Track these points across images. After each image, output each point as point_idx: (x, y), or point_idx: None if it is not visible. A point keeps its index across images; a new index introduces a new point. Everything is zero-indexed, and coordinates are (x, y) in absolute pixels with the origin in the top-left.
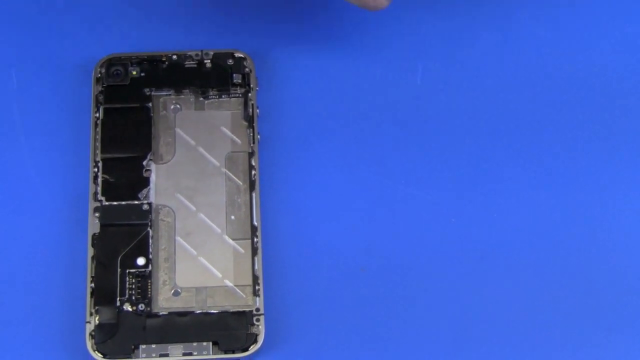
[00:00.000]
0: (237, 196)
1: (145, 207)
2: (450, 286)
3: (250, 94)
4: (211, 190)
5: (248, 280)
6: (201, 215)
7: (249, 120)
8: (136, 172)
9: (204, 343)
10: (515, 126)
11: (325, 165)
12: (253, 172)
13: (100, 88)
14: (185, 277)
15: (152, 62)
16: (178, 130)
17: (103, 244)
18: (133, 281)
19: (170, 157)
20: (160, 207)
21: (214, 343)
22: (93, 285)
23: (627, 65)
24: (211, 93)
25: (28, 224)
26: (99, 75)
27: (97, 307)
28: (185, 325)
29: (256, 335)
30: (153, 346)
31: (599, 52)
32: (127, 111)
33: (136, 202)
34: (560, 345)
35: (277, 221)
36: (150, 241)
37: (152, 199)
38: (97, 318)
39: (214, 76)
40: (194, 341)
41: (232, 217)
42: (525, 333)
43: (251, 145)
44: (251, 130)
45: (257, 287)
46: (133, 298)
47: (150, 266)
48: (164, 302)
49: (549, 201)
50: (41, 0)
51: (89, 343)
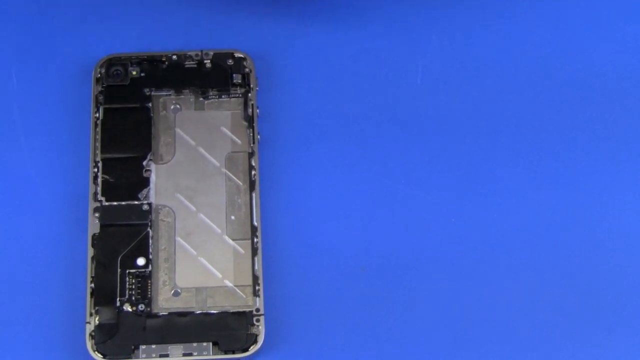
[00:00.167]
0: (237, 196)
1: (145, 208)
2: (450, 286)
3: (250, 94)
4: (211, 190)
5: (248, 280)
6: (201, 215)
7: (249, 120)
8: (136, 173)
9: (204, 343)
10: (515, 126)
11: (325, 165)
12: (253, 172)
13: (100, 88)
14: (185, 278)
15: (152, 62)
16: (178, 130)
17: (103, 244)
18: (133, 281)
19: (170, 157)
20: (160, 207)
21: (214, 343)
22: (93, 285)
23: (627, 65)
24: (211, 93)
25: (28, 224)
26: (99, 75)
27: (97, 308)
28: (185, 325)
29: (256, 335)
30: (153, 346)
31: (599, 52)
32: (127, 111)
33: (136, 203)
34: (560, 345)
35: (277, 221)
36: (150, 241)
37: (152, 199)
38: (97, 318)
39: (214, 76)
40: (194, 341)
41: (232, 218)
42: (525, 333)
43: (251, 145)
44: (251, 130)
45: (257, 288)
46: (133, 298)
47: (150, 266)
48: (164, 303)
49: (549, 201)
50: (41, 0)
51: (89, 343)
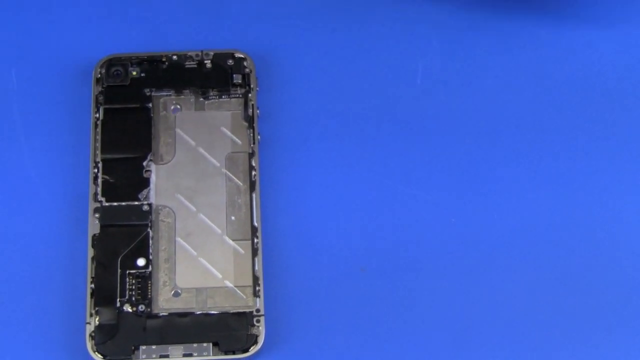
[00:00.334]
0: (238, 197)
1: (145, 208)
2: (450, 286)
3: (250, 95)
4: (211, 190)
5: (248, 281)
6: (201, 215)
7: (249, 120)
8: (136, 173)
9: (204, 344)
10: (515, 126)
11: (325, 165)
12: (253, 173)
13: (100, 88)
14: (185, 278)
15: (152, 63)
16: (178, 130)
17: (103, 245)
18: (133, 282)
19: (170, 158)
20: (160, 208)
21: (214, 344)
22: (93, 286)
23: (627, 65)
24: (211, 93)
25: (28, 225)
26: (99, 75)
27: (97, 308)
28: (185, 326)
29: (256, 336)
30: (153, 347)
31: (599, 52)
32: (127, 111)
33: (136, 203)
34: (560, 345)
35: (278, 222)
36: (150, 242)
37: (152, 200)
38: (97, 319)
39: (214, 76)
40: (194, 342)
41: (233, 218)
42: (525, 333)
43: (251, 145)
44: (251, 130)
45: (258, 288)
46: (133, 299)
47: (150, 267)
48: (164, 303)
49: (549, 201)
50: (41, 1)
51: (89, 344)
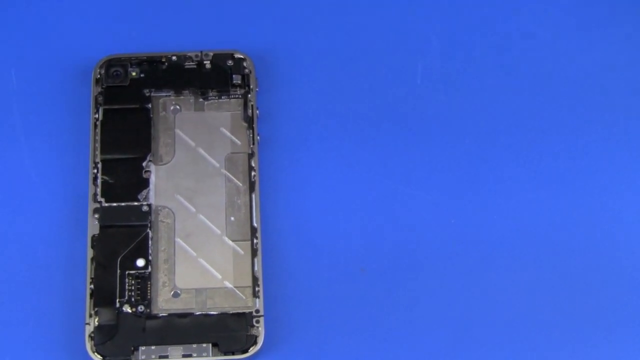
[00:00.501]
0: (237, 197)
1: (144, 209)
2: (450, 286)
3: (250, 95)
4: (211, 191)
5: (248, 281)
6: (201, 216)
7: (249, 121)
8: (136, 173)
9: (204, 344)
10: (515, 126)
11: (325, 166)
12: (253, 173)
13: (99, 89)
14: (184, 279)
15: (152, 63)
16: (178, 131)
17: (102, 245)
18: (133, 282)
19: (169, 158)
20: (159, 209)
21: (214, 344)
22: (92, 286)
23: (627, 65)
24: (211, 94)
25: (27, 225)
26: (99, 76)
27: (97, 309)
28: (184, 326)
29: (256, 336)
30: (152, 347)
31: (599, 52)
32: (127, 112)
33: (136, 204)
34: (560, 345)
35: (277, 222)
36: (149, 242)
37: (152, 200)
38: (97, 319)
39: (214, 77)
40: (194, 343)
41: (232, 219)
42: (525, 333)
43: (251, 146)
44: (251, 131)
45: (257, 289)
46: (132, 299)
47: (149, 267)
48: (164, 304)
49: (549, 201)
50: (41, 1)
51: (89, 344)
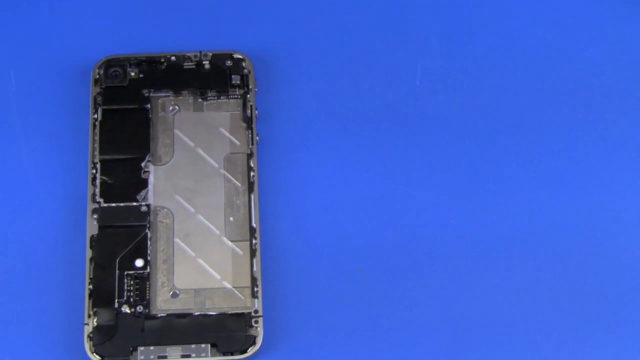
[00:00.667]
0: (236, 198)
1: (143, 209)
2: (449, 286)
3: (249, 95)
4: (210, 191)
5: (247, 282)
6: (200, 216)
7: (248, 121)
8: (135, 174)
9: (203, 345)
10: (514, 126)
11: (324, 166)
12: (252, 174)
13: (98, 89)
14: (183, 279)
15: (151, 63)
16: (177, 131)
17: (101, 246)
18: (131, 283)
19: (168, 159)
20: (158, 209)
21: (213, 345)
22: (91, 287)
23: (627, 65)
24: (210, 94)
25: (26, 225)
26: (98, 76)
27: (95, 309)
28: (183, 327)
29: (255, 337)
30: (151, 348)
31: (599, 52)
32: (126, 112)
33: (134, 204)
34: (560, 345)
35: (276, 223)
36: (148, 243)
37: (151, 201)
38: (95, 320)
39: (213, 77)
40: (193, 343)
41: (231, 219)
42: (524, 333)
43: (250, 146)
44: (250, 131)
45: (256, 289)
46: (131, 300)
47: (148, 268)
48: (163, 304)
49: (549, 201)
50: (40, 1)
51: (87, 345)
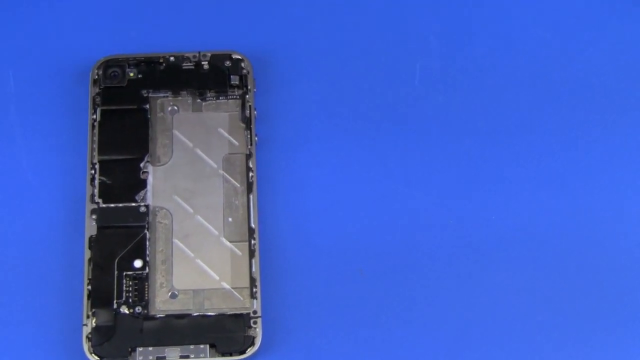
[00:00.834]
0: (235, 198)
1: (142, 209)
2: (449, 287)
3: (247, 96)
4: (208, 192)
5: (245, 282)
6: (198, 217)
7: (247, 121)
8: (133, 174)
9: (201, 346)
10: (514, 126)
11: (323, 166)
12: (250, 174)
13: (97, 90)
14: (182, 280)
15: (150, 64)
16: (175, 132)
17: (100, 246)
18: (130, 283)
19: (167, 159)
20: (157, 209)
21: (211, 346)
22: (90, 287)
23: (627, 65)
24: (209, 95)
25: (25, 226)
26: (96, 76)
27: (94, 310)
28: (182, 327)
29: (253, 337)
30: (150, 349)
31: (599, 52)
32: (125, 113)
33: (133, 204)
34: (560, 345)
35: (275, 223)
36: (147, 243)
37: (150, 201)
38: (94, 320)
39: (212, 78)
40: (191, 344)
41: (230, 219)
42: (524, 334)
43: (249, 147)
44: (249, 132)
45: (255, 290)
46: (130, 300)
47: (147, 268)
48: (161, 305)
49: (548, 201)
50: (39, 2)
51: (86, 346)
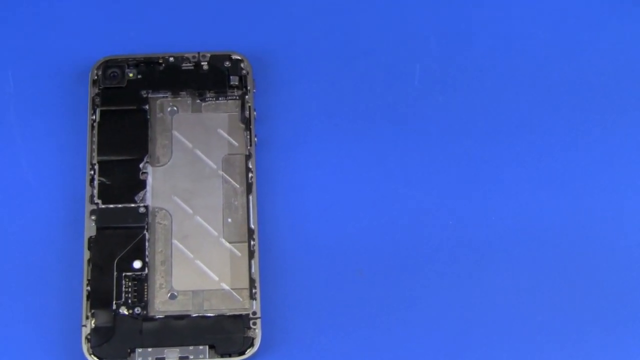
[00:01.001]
0: (234, 199)
1: (141, 210)
2: (449, 287)
3: (247, 96)
4: (208, 192)
5: (245, 283)
6: (198, 218)
7: (246, 122)
8: (133, 175)
9: (201, 347)
10: (513, 126)
11: (322, 167)
12: (250, 175)
13: (96, 90)
14: (181, 281)
15: (149, 64)
16: (175, 132)
17: (99, 247)
18: (129, 284)
19: (167, 160)
20: (156, 210)
21: (211, 347)
22: (89, 288)
23: (627, 65)
24: (208, 95)
25: (24, 227)
26: (96, 77)
27: (93, 311)
28: (181, 328)
29: (253, 338)
30: (149, 350)
31: (599, 52)
32: (124, 113)
33: (133, 205)
34: (560, 345)
35: (275, 224)
36: (146, 244)
37: (149, 202)
38: (93, 321)
39: (211, 78)
40: (191, 345)
41: (229, 220)
42: (524, 334)
43: (248, 147)
44: (248, 132)
45: (254, 291)
46: (129, 301)
47: (146, 269)
48: (161, 306)
49: (548, 202)
50: (38, 2)
51: (85, 347)
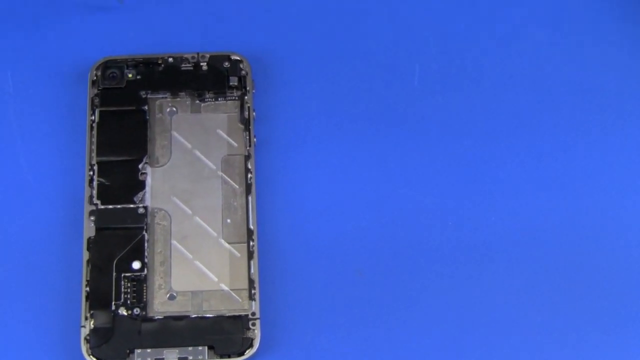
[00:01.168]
0: (233, 199)
1: (140, 211)
2: (448, 288)
3: (246, 97)
4: (207, 193)
5: (244, 284)
6: (197, 218)
7: (246, 123)
8: (132, 176)
9: (200, 347)
10: (513, 126)
11: (322, 168)
12: (249, 175)
13: (96, 91)
14: (181, 281)
15: (148, 65)
16: (174, 133)
17: (98, 248)
18: (128, 285)
19: (166, 160)
20: (156, 211)
21: (210, 347)
22: (88, 289)
23: (627, 65)
24: (207, 96)
25: (23, 227)
26: (95, 78)
27: (92, 311)
28: (180, 329)
29: (252, 339)
30: (148, 350)
31: (599, 53)
32: (123, 114)
33: (132, 206)
34: (560, 345)
35: (274, 225)
36: (145, 245)
37: (148, 203)
38: (92, 322)
39: (210, 79)
40: (190, 345)
41: (228, 221)
42: (524, 334)
43: (247, 148)
44: (247, 133)
45: (253, 291)
46: (128, 302)
47: (145, 270)
48: (160, 306)
49: (548, 202)
50: (37, 2)
51: (84, 347)
